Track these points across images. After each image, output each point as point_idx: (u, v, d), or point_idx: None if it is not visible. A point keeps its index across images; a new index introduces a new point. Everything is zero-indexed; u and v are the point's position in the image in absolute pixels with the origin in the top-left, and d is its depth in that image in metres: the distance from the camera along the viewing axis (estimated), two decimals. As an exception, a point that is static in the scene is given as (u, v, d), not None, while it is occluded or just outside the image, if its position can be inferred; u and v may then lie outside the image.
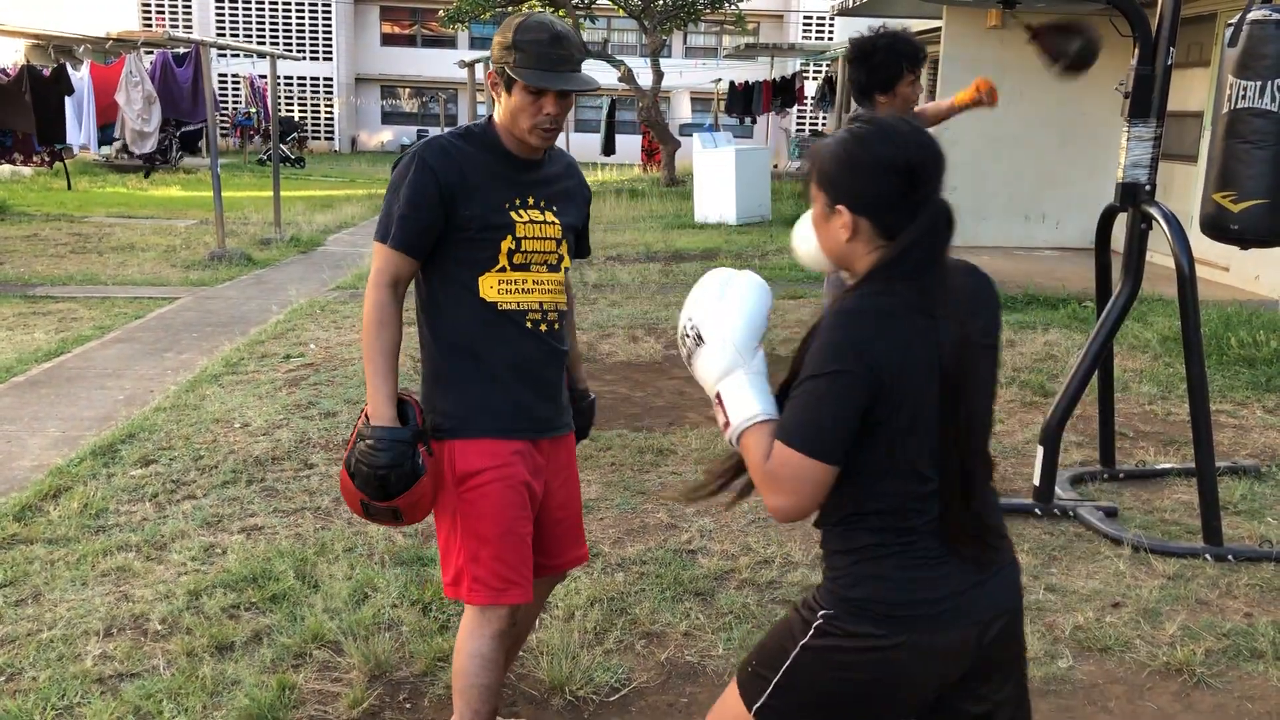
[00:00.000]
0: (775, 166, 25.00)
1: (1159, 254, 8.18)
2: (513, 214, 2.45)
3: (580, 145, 29.54)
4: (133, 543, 4.13)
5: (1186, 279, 4.20)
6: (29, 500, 4.48)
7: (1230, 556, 4.12)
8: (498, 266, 2.45)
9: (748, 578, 3.94)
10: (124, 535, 4.19)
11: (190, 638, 3.41)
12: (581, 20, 23.46)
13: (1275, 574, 4.02)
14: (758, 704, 1.87)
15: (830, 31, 32.34)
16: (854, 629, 1.79)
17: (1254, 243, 4.18)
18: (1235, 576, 4.00)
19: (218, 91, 26.24)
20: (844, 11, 15.63)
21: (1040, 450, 4.53)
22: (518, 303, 2.48)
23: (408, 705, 3.12)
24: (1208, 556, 4.13)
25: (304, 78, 34.14)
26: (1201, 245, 4.93)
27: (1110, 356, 4.97)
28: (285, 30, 33.98)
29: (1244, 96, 4.08)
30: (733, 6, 23.96)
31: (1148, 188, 4.42)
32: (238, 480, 4.82)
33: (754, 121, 28.39)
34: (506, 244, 2.44)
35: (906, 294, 1.72)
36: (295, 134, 29.68)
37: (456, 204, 2.40)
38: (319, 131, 34.88)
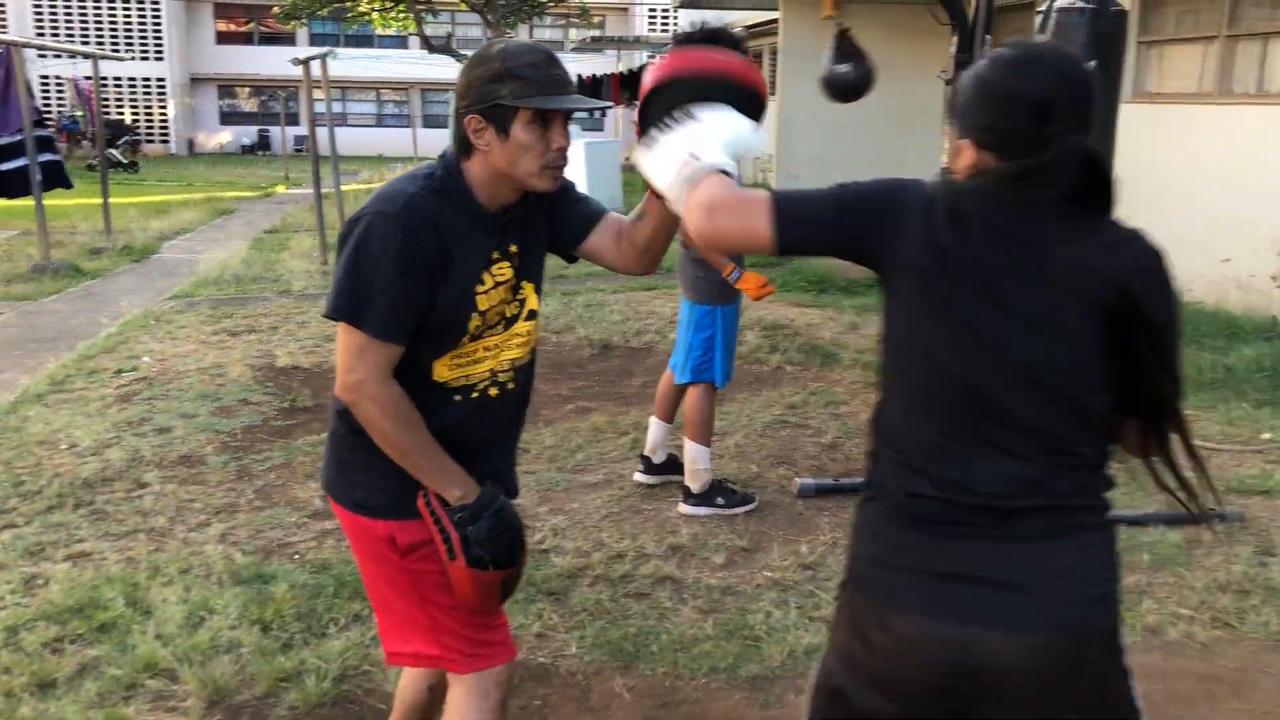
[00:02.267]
0: (626, 158, 25.09)
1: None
2: (477, 286, 2.09)
3: (428, 141, 29.08)
4: (-55, 579, 3.86)
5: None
6: None
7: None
8: (456, 345, 2.11)
9: (601, 574, 3.92)
10: (-65, 571, 3.92)
11: (8, 677, 3.20)
12: (424, 15, 23.10)
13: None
14: None
15: (675, 23, 32.63)
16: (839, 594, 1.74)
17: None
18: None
19: (41, 95, 24.88)
20: (686, 4, 15.76)
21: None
22: (467, 376, 2.14)
23: (248, 730, 3.00)
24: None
25: (134, 78, 32.72)
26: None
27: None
28: (111, 29, 32.47)
29: (1055, 81, 4.25)
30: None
31: (971, 171, 4.56)
32: (64, 505, 4.56)
33: (603, 114, 28.42)
34: (473, 323, 2.09)
35: (981, 191, 1.56)
36: (127, 137, 28.40)
37: (438, 283, 2.03)
38: (154, 134, 33.49)
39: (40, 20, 31.66)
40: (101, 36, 32.06)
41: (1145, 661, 3.34)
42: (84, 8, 32.27)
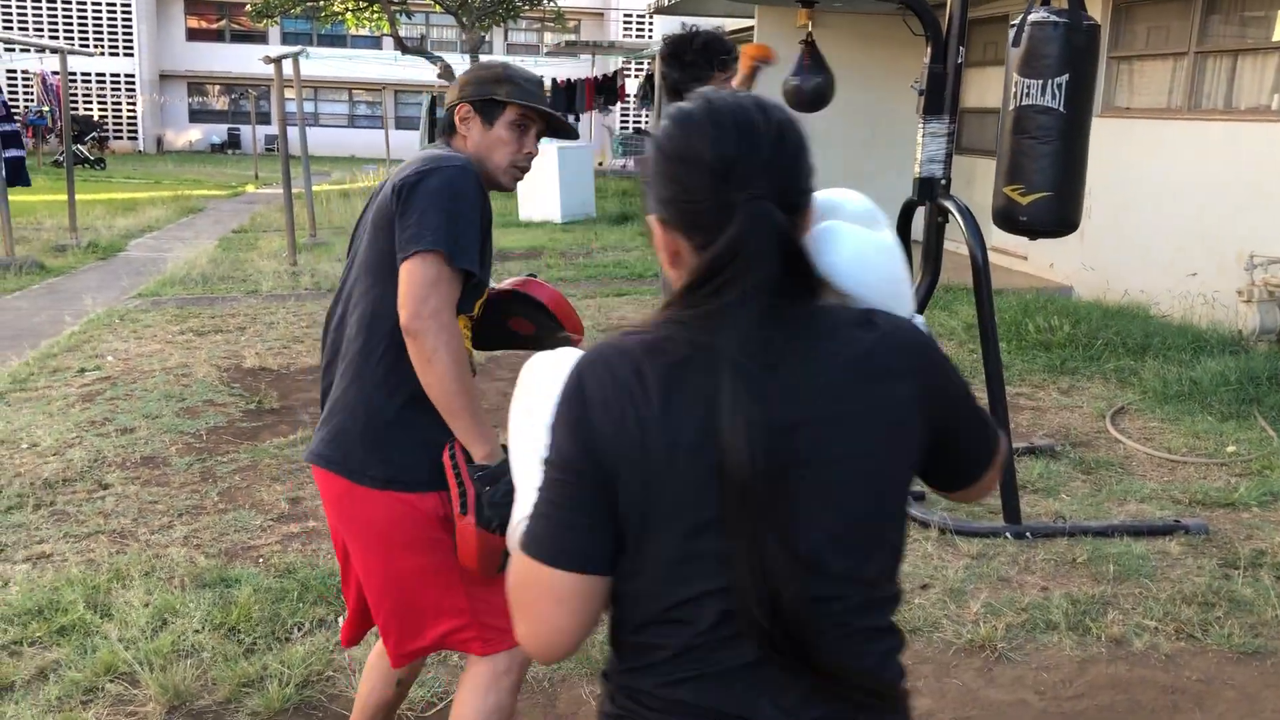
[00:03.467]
0: (600, 164, 25.06)
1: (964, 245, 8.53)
2: None
3: (400, 143, 28.97)
4: (-100, 579, 3.79)
5: (981, 269, 4.38)
6: None
7: (1028, 534, 4.31)
8: (472, 308, 2.27)
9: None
10: (-110, 572, 3.84)
11: (-36, 680, 3.14)
12: (398, 16, 23.00)
13: (1069, 548, 4.24)
14: None
15: (650, 30, 32.66)
16: None
17: (1041, 233, 4.39)
18: (1033, 552, 4.19)
19: (7, 90, 24.59)
20: (661, 10, 15.78)
21: (851, 439, 4.64)
22: (470, 351, 2.30)
23: (209, 736, 2.96)
24: (1008, 535, 4.31)
25: (103, 74, 32.35)
26: (1002, 234, 5.16)
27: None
28: (80, 24, 32.11)
29: (1028, 94, 4.27)
30: (552, 3, 23.94)
31: (943, 182, 4.58)
32: (24, 505, 4.49)
33: (577, 119, 28.38)
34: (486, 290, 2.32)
35: (691, 335, 1.22)
36: (94, 134, 28.10)
37: (486, 238, 2.22)
38: (121, 131, 33.13)
39: (8, 14, 31.28)
40: (70, 31, 31.69)
41: (1110, 672, 3.36)
42: (53, 2, 31.91)
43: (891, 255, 1.44)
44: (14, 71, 27.69)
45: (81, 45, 29.42)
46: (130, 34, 32.70)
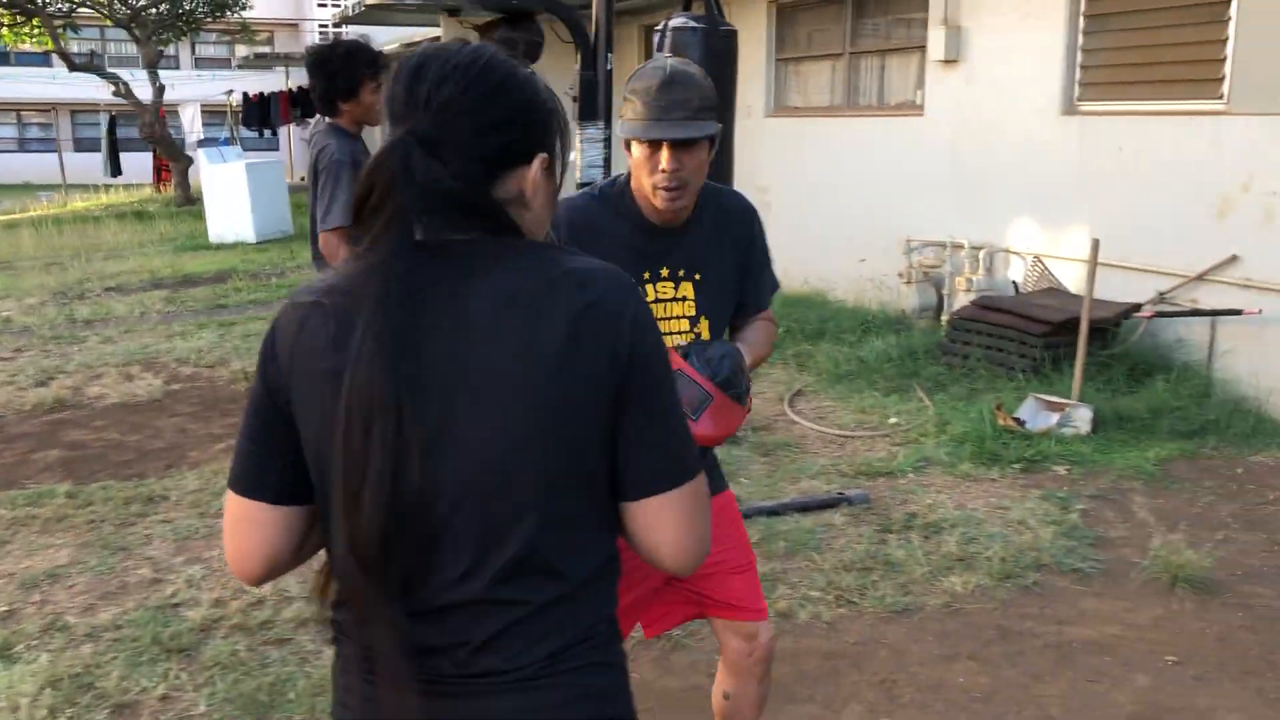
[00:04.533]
0: (302, 179, 24.18)
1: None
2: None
3: (80, 166, 26.89)
4: None
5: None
6: None
7: (707, 521, 4.45)
8: None
9: (238, 623, 3.69)
10: None
11: None
12: (63, 32, 21.34)
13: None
14: None
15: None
16: None
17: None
18: (712, 538, 4.33)
19: None
20: (348, 20, 15.38)
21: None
22: None
23: None
24: (688, 524, 4.43)
25: None
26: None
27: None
28: None
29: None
30: (236, 15, 22.90)
31: (603, 185, 4.67)
32: None
33: (274, 133, 27.31)
34: None
35: (352, 270, 1.22)
36: None
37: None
38: None
39: None
40: None
41: (778, 646, 3.51)
42: None
43: None
44: None
45: None
46: None
